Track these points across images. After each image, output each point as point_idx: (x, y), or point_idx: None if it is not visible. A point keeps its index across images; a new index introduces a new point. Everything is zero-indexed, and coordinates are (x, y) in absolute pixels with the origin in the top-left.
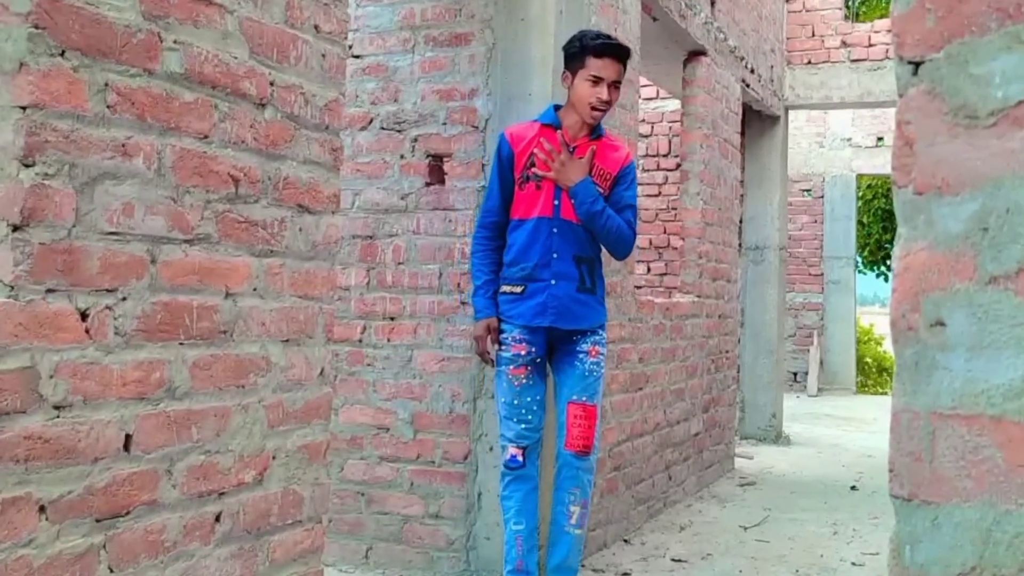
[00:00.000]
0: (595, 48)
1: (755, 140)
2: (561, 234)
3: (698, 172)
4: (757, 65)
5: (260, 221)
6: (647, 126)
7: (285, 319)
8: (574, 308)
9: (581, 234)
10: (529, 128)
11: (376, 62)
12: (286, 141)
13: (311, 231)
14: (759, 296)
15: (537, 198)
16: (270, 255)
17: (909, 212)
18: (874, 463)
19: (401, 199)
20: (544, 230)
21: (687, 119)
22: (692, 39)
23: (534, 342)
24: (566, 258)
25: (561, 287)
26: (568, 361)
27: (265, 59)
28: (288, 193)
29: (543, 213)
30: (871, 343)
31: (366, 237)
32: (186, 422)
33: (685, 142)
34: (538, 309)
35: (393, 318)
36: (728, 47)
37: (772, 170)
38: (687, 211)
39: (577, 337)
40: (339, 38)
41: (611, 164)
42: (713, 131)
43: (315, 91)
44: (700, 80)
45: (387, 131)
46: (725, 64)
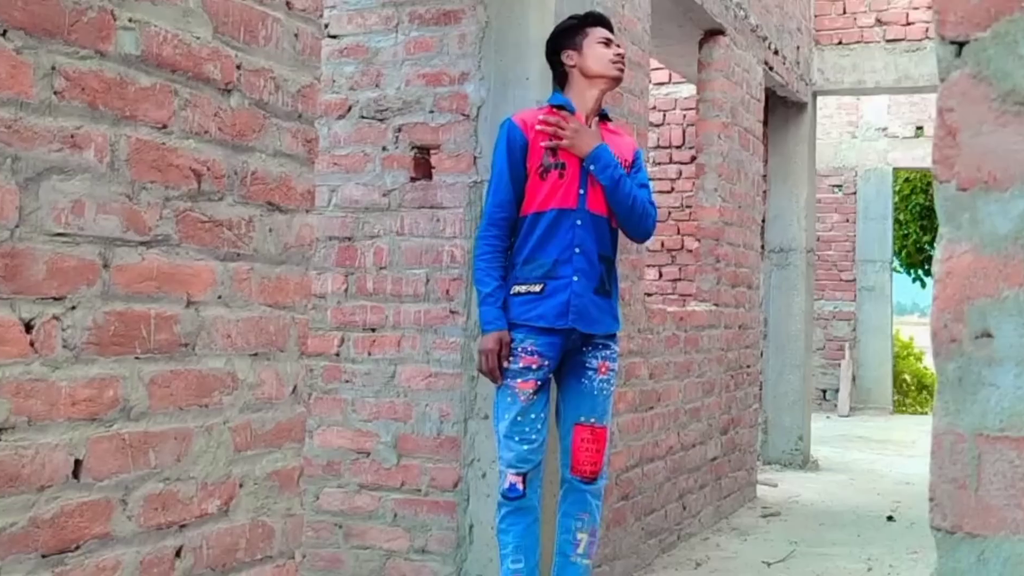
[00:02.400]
0: (592, 18)
1: (779, 130)
2: (585, 228)
3: (715, 166)
4: (782, 46)
5: (225, 221)
6: (658, 114)
7: (253, 330)
8: (593, 311)
9: (605, 230)
10: (538, 113)
11: (355, 43)
12: (254, 131)
13: (282, 232)
14: (784, 304)
15: (559, 188)
16: (236, 259)
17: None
18: (913, 491)
19: (383, 196)
20: (566, 222)
21: (703, 106)
22: (709, 16)
23: (548, 354)
24: (589, 254)
25: (582, 285)
26: (575, 377)
27: (231, 39)
28: (257, 189)
29: (565, 204)
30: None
31: (344, 239)
32: (143, 446)
33: (701, 132)
34: (561, 309)
35: (374, 329)
36: (749, 25)
37: (798, 163)
38: (703, 209)
39: (587, 349)
40: (314, 16)
41: (624, 150)
42: (732, 120)
43: (287, 75)
44: (718, 62)
45: (367, 120)
46: (746, 44)
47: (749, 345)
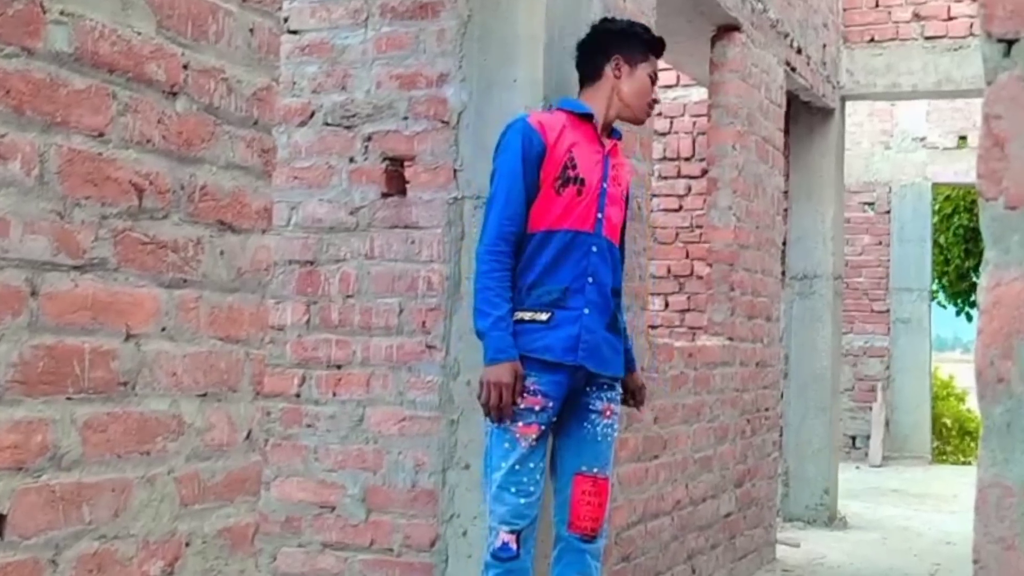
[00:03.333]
0: (656, 44)
1: (803, 139)
2: (601, 256)
3: (730, 180)
4: (805, 44)
5: (170, 242)
6: (665, 121)
7: (202, 367)
8: (604, 349)
9: (618, 259)
10: (554, 117)
11: (318, 39)
12: (204, 140)
13: (235, 255)
14: (808, 339)
15: (576, 206)
16: (183, 286)
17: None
18: (955, 552)
19: (350, 214)
20: (581, 247)
21: (716, 113)
22: (722, 10)
23: (553, 394)
24: (602, 286)
25: (593, 319)
26: (576, 421)
27: (177, 35)
28: (206, 206)
29: (581, 226)
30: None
31: (306, 263)
32: (76, 499)
33: (713, 142)
34: (570, 343)
35: (340, 366)
36: (768, 20)
37: (825, 178)
38: (715, 230)
39: (591, 390)
40: (271, 8)
41: (625, 179)
42: (749, 128)
43: (241, 76)
44: (733, 62)
45: (332, 127)
46: (764, 42)
47: (768, 385)
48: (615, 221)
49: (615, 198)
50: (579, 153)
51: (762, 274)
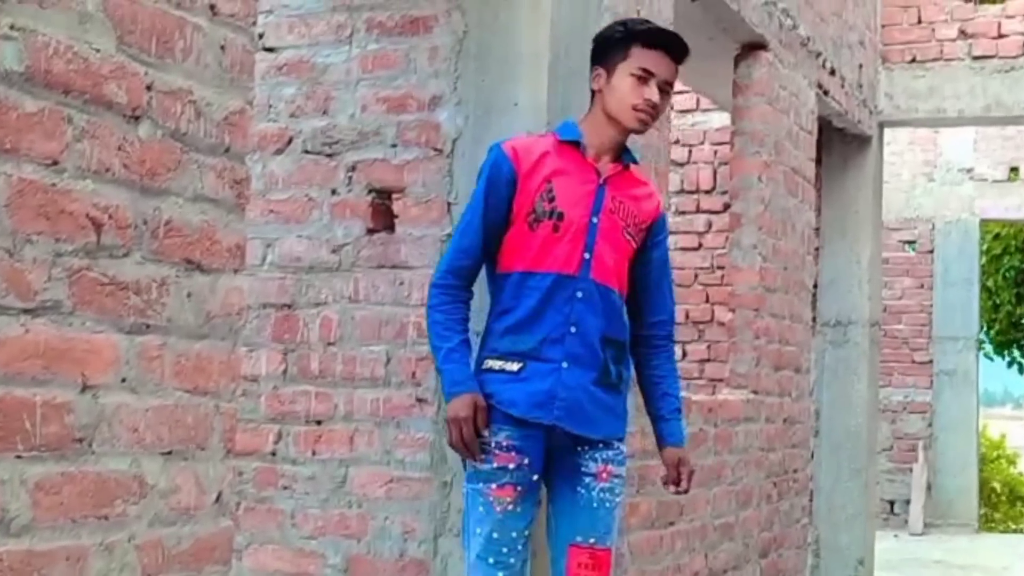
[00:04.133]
0: (645, 34)
1: (837, 171)
2: (588, 302)
3: (755, 216)
4: (840, 64)
5: (132, 283)
6: (682, 150)
7: (167, 422)
8: (589, 408)
9: (615, 305)
10: (538, 143)
11: (297, 57)
12: (169, 169)
13: (204, 297)
14: (841, 392)
15: (555, 245)
16: (146, 331)
17: None
18: None
19: (332, 252)
20: (563, 292)
21: (740, 140)
22: (747, 26)
23: (527, 449)
24: (589, 336)
25: (575, 375)
26: (568, 484)
27: (140, 52)
28: (172, 243)
29: (564, 268)
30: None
31: (283, 306)
32: (25, 568)
33: (737, 173)
34: (540, 398)
35: (320, 421)
36: (798, 38)
37: (861, 213)
38: (739, 271)
39: (584, 449)
40: (245, 23)
41: (644, 211)
42: (776, 157)
43: (210, 98)
44: (758, 84)
45: (313, 156)
46: (794, 62)
47: (797, 444)
48: (609, 262)
49: (612, 234)
50: (561, 183)
51: (790, 320)
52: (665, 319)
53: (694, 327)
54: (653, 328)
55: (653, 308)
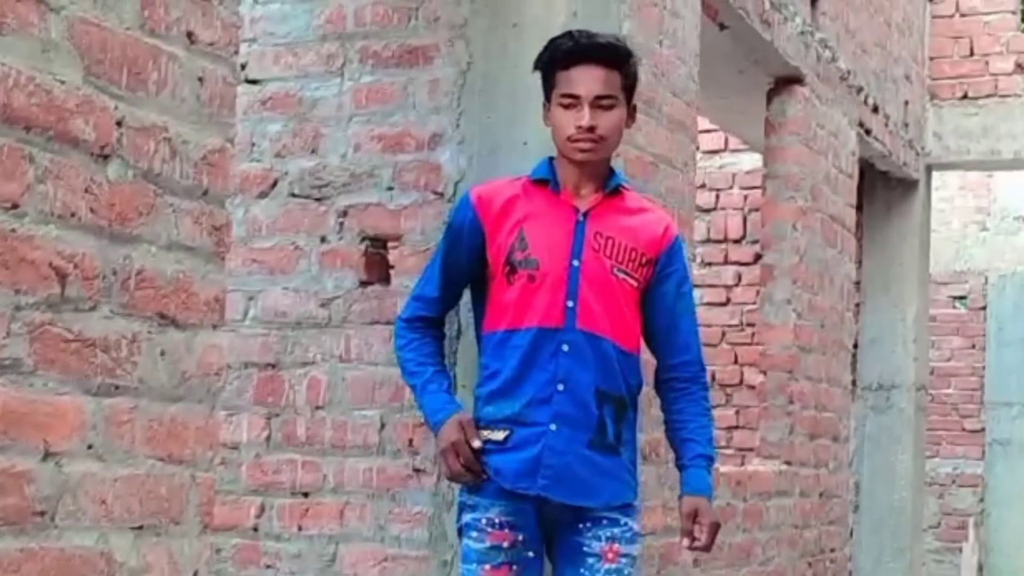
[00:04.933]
0: (562, 54)
1: (879, 218)
2: (576, 356)
3: (789, 268)
4: (883, 100)
5: (99, 339)
6: (709, 195)
7: (138, 494)
8: (582, 473)
9: (610, 357)
10: (509, 186)
11: (283, 91)
12: (141, 214)
13: (179, 356)
14: (884, 463)
15: (534, 297)
16: (114, 393)
17: None
18: None
19: (321, 306)
20: (546, 347)
21: (772, 184)
22: (781, 58)
23: (521, 524)
24: (580, 392)
25: (564, 436)
26: (571, 566)
27: (109, 84)
28: (143, 296)
29: (545, 321)
30: None
31: (266, 366)
32: None
33: (769, 220)
34: (526, 467)
35: (307, 493)
36: (838, 71)
37: (906, 265)
38: (771, 329)
39: (584, 526)
40: (226, 53)
41: (644, 242)
42: (813, 203)
43: (187, 136)
44: (793, 123)
45: (300, 199)
46: (833, 98)
47: (834, 520)
48: (598, 308)
49: (599, 277)
50: (534, 228)
51: (828, 384)
52: (687, 360)
53: (721, 391)
54: (673, 371)
55: (672, 349)
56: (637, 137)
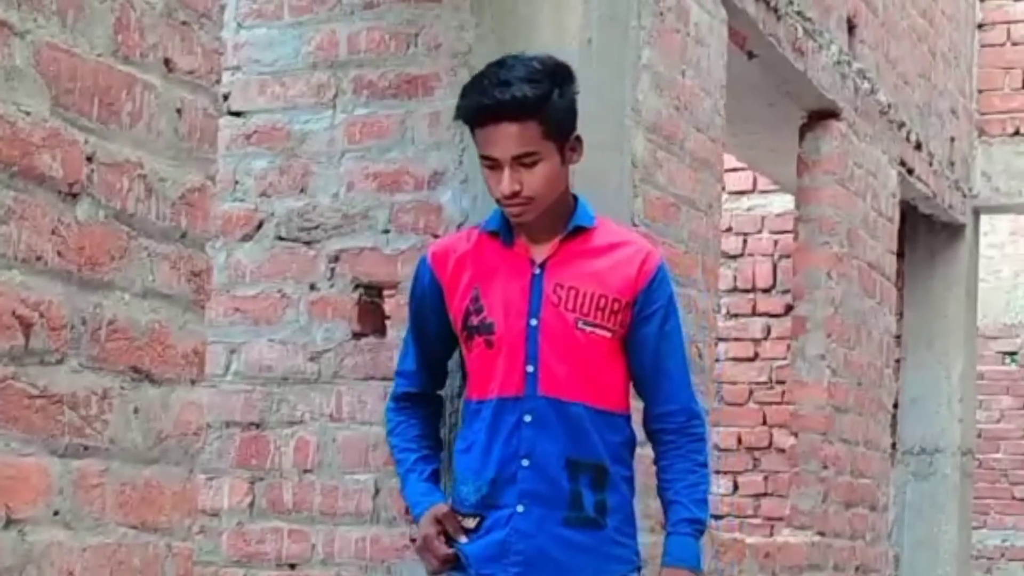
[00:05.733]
0: (470, 113)
1: (922, 266)
2: (539, 425)
3: (823, 320)
4: (927, 136)
5: (66, 396)
6: (736, 240)
7: (108, 564)
8: (558, 554)
9: (580, 420)
10: (463, 241)
11: (270, 124)
12: (113, 258)
13: (154, 414)
14: (926, 534)
15: (493, 364)
16: (83, 454)
17: None
18: None
19: (310, 360)
20: (507, 419)
21: (805, 229)
22: (815, 90)
23: None
24: (548, 466)
25: (533, 517)
26: None
27: (79, 116)
28: (116, 348)
29: (505, 390)
30: None
31: (250, 425)
32: None
33: (801, 268)
34: (493, 551)
35: (294, 565)
36: (877, 104)
37: (951, 318)
38: (803, 387)
39: None
40: (207, 82)
41: (615, 284)
42: (850, 250)
43: (164, 172)
44: (829, 161)
45: (288, 243)
46: (872, 134)
47: None
48: (562, 370)
49: (563, 334)
50: (488, 287)
51: (865, 447)
52: (673, 410)
53: (748, 454)
54: (660, 421)
55: (657, 397)
56: (657, 176)
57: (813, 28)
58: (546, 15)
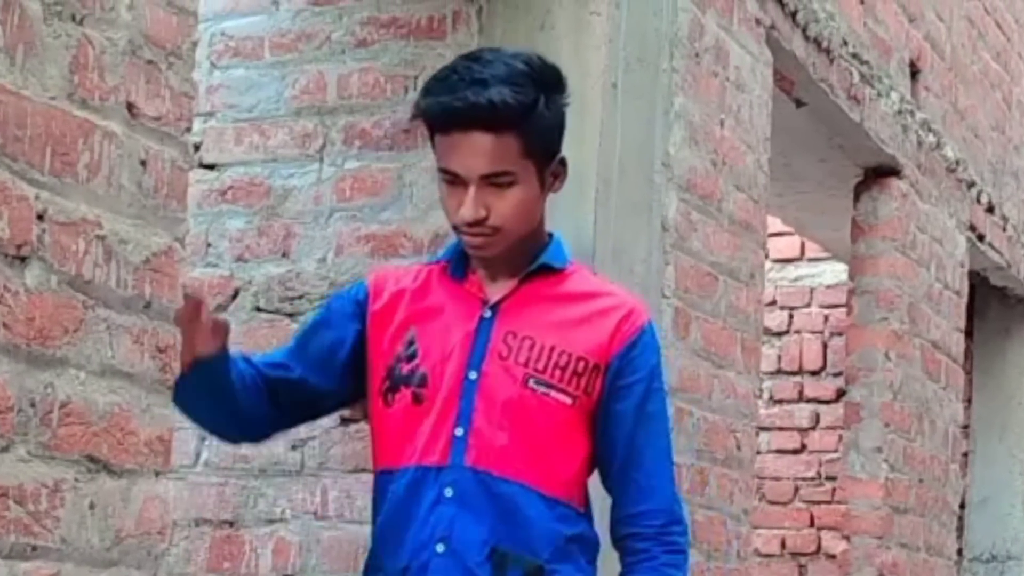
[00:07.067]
0: (433, 112)
1: (994, 345)
2: (461, 502)
3: (880, 407)
4: (1000, 197)
5: (12, 488)
6: (781, 315)
7: None
8: None
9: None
10: (407, 274)
11: (247, 178)
12: (67, 331)
13: (113, 510)
14: None
15: (417, 425)
16: (31, 555)
17: None
18: None
19: (292, 449)
20: (425, 494)
21: (861, 302)
22: (873, 144)
23: None
24: (466, 555)
25: None
26: None
27: (28, 168)
28: (69, 434)
29: (425, 458)
30: None
31: (223, 523)
32: None
33: (855, 347)
34: None
35: None
36: (943, 160)
37: None
38: (857, 484)
39: None
40: (176, 130)
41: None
42: (911, 326)
43: (125, 233)
44: (888, 225)
45: (267, 314)
46: (937, 195)
47: None
48: (502, 438)
49: (505, 392)
50: (428, 330)
51: (927, 553)
52: (648, 510)
53: (792, 560)
54: (629, 525)
55: (628, 496)
56: (692, 241)
57: (871, 73)
58: (565, 55)
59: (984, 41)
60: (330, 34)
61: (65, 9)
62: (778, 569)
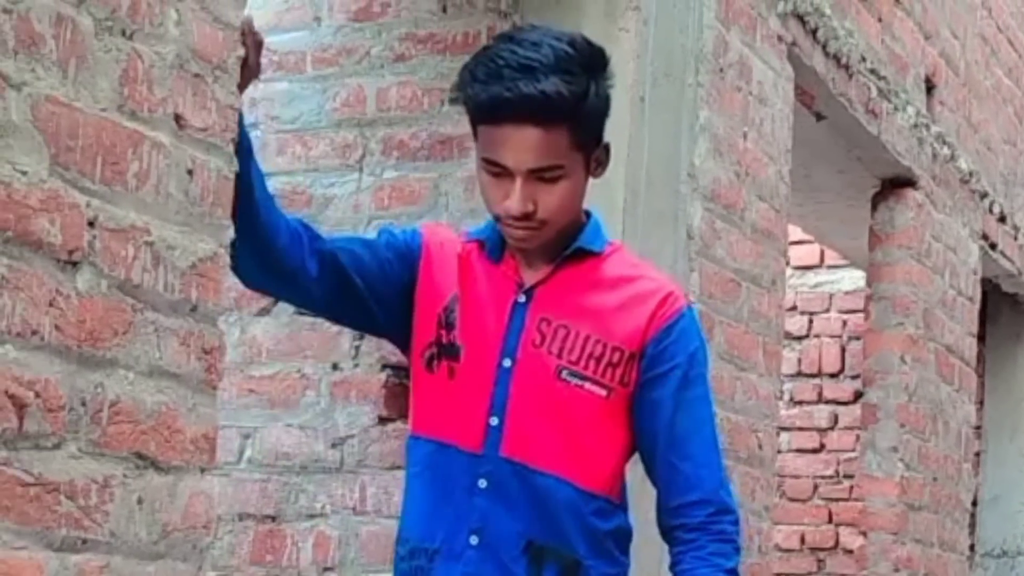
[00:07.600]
0: (481, 105)
1: (1006, 350)
2: (496, 494)
3: (895, 409)
4: (1012, 208)
5: (64, 484)
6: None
7: None
8: None
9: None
10: (457, 243)
11: (291, 187)
12: (117, 333)
13: (160, 505)
14: None
15: (451, 402)
16: (81, 548)
17: None
18: None
19: (332, 447)
20: (461, 480)
21: (878, 308)
22: (890, 156)
23: None
24: (500, 548)
25: None
26: None
27: (80, 177)
28: (118, 431)
29: (462, 441)
30: None
31: (265, 518)
32: None
33: (873, 352)
34: None
35: None
36: (958, 172)
37: None
38: (874, 482)
39: None
40: (222, 141)
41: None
42: (926, 331)
43: (173, 240)
44: (904, 234)
45: (308, 318)
46: (952, 205)
47: None
48: (538, 430)
49: (540, 382)
50: (470, 302)
51: (941, 548)
52: (696, 500)
53: (812, 556)
54: (676, 516)
55: (674, 486)
56: (716, 249)
57: (888, 88)
58: None
59: (997, 58)
60: (369, 49)
61: (116, 25)
62: (797, 563)
